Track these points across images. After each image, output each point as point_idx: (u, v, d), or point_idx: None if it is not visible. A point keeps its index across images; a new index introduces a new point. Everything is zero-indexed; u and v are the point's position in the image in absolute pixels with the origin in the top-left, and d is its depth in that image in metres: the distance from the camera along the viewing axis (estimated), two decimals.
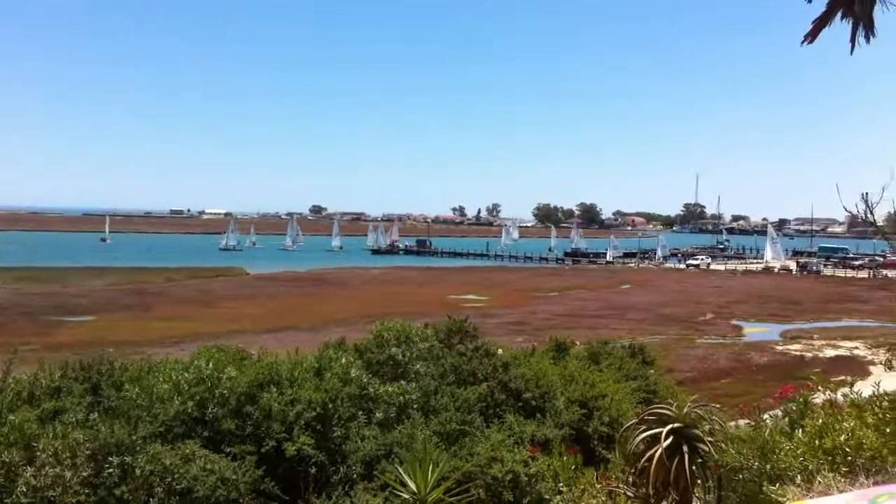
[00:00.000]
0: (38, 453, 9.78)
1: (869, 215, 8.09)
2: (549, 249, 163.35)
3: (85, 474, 9.77)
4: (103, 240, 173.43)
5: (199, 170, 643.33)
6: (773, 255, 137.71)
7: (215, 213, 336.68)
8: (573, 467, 11.21)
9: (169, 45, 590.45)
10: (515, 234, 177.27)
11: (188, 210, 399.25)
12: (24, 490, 9.31)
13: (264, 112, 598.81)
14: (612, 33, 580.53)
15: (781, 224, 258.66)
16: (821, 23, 6.48)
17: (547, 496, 11.48)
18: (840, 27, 6.45)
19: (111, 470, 9.97)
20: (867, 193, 8.17)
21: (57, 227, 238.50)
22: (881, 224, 9.46)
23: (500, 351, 18.31)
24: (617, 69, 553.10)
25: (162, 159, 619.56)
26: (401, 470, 7.04)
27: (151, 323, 61.18)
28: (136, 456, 10.24)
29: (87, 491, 9.68)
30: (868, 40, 6.28)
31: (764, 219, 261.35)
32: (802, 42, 6.80)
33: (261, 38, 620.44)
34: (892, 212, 9.89)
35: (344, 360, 14.45)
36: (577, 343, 24.09)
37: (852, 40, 6.34)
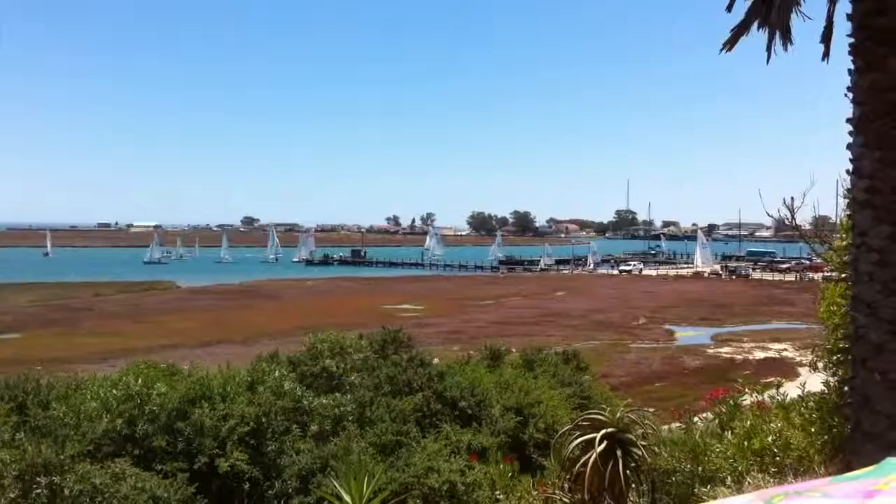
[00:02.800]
0: None
1: (791, 220, 8.29)
2: (495, 257, 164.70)
3: (12, 496, 9.52)
4: (46, 254, 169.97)
5: (125, 182, 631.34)
6: (703, 260, 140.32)
7: (144, 226, 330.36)
8: (510, 475, 11.25)
9: (86, 55, 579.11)
10: (438, 247, 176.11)
11: (116, 223, 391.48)
12: None
13: (192, 123, 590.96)
14: (541, 42, 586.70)
15: (711, 229, 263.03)
16: (739, 31, 6.64)
17: None
18: (758, 35, 6.66)
19: (39, 490, 9.71)
20: (792, 199, 8.38)
21: None
22: (807, 227, 9.72)
23: (435, 360, 18.33)
24: (545, 78, 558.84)
25: (85, 171, 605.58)
26: (336, 483, 6.99)
27: (80, 339, 59.84)
28: (64, 476, 9.99)
29: None
30: (786, 48, 6.47)
31: (694, 224, 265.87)
32: (721, 50, 6.97)
33: (182, 51, 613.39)
34: (816, 215, 10.15)
35: (277, 374, 14.31)
36: (513, 350, 24.22)
37: (768, 49, 6.52)
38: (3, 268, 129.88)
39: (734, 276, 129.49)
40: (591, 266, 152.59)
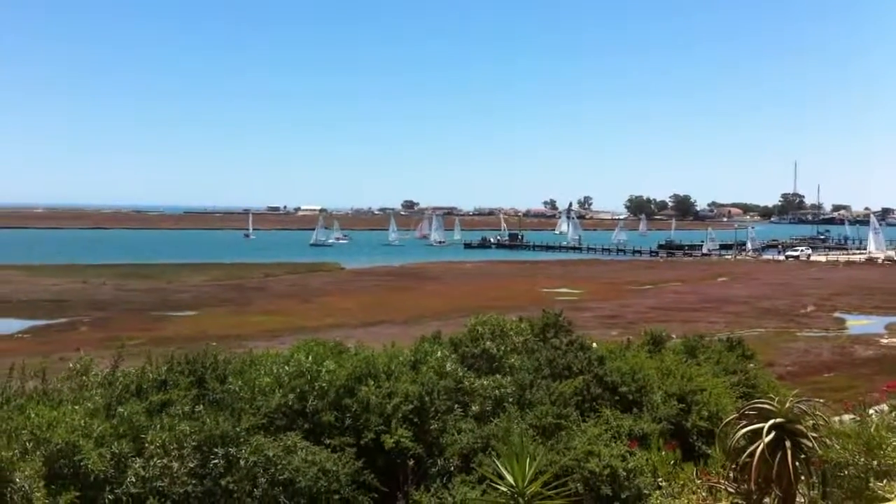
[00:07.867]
0: (147, 445, 10.10)
1: None
2: (667, 240, 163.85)
3: (191, 465, 10.04)
4: (247, 236, 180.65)
5: (294, 166, 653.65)
6: (876, 246, 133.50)
7: (311, 209, 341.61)
8: (672, 462, 11.10)
9: (271, 49, 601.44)
10: (574, 231, 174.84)
11: (284, 207, 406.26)
12: (134, 480, 9.62)
13: (360, 112, 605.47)
14: (702, 24, 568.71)
15: (885, 213, 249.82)
16: None
17: (646, 491, 11.38)
18: None
19: (216, 461, 10.22)
20: None
21: (159, 225, 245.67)
22: None
23: (594, 345, 18.18)
24: (707, 59, 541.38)
25: (257, 157, 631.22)
26: (498, 463, 7.10)
27: (251, 317, 62.55)
28: (240, 447, 10.49)
29: (193, 481, 9.96)
30: None
31: (866, 208, 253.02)
32: None
33: (356, 41, 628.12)
34: None
35: (439, 354, 14.56)
36: (673, 336, 23.74)
37: None
38: (224, 248, 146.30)
39: None
40: (750, 251, 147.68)
